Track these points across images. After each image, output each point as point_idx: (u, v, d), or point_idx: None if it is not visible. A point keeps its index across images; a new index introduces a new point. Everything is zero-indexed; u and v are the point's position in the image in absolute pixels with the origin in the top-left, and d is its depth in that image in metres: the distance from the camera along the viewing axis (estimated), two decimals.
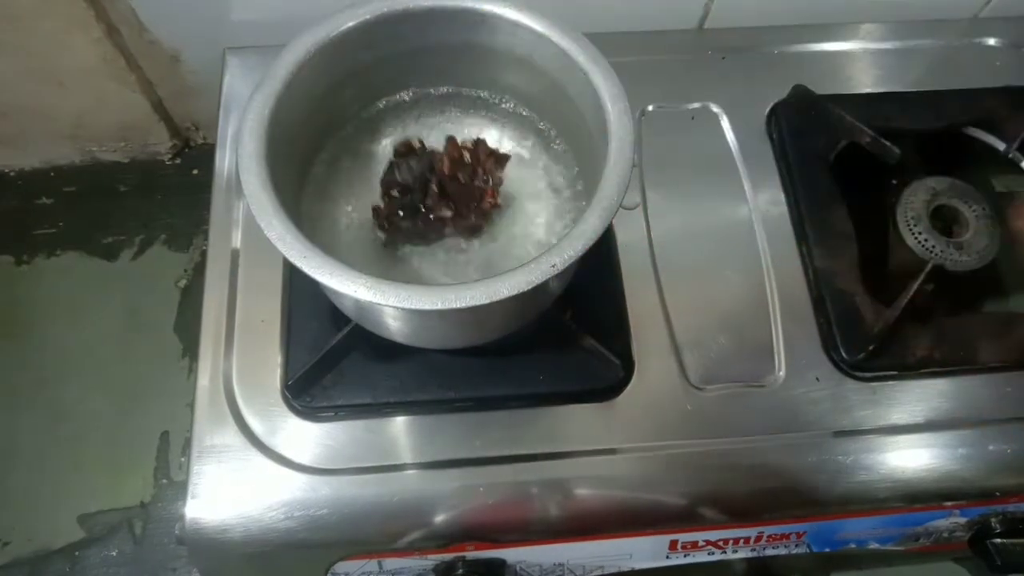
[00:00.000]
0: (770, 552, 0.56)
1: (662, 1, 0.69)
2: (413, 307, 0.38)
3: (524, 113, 0.54)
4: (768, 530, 0.53)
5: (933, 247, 0.58)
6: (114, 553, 0.72)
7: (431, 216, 0.49)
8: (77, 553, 0.72)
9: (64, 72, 0.74)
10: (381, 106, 0.54)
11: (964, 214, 0.59)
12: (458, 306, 0.38)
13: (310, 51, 0.45)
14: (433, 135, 0.53)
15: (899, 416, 0.54)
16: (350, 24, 0.46)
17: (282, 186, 0.42)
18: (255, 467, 0.50)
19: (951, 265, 0.58)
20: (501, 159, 0.51)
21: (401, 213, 0.49)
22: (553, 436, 0.52)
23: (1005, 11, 0.72)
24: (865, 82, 0.67)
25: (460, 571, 0.51)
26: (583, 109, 0.47)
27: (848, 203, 0.60)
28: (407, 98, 0.54)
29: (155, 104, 0.80)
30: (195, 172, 0.88)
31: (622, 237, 0.58)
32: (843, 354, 0.55)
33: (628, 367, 0.54)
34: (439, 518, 0.50)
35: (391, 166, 0.50)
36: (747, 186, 0.61)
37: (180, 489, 0.50)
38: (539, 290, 0.39)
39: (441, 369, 0.53)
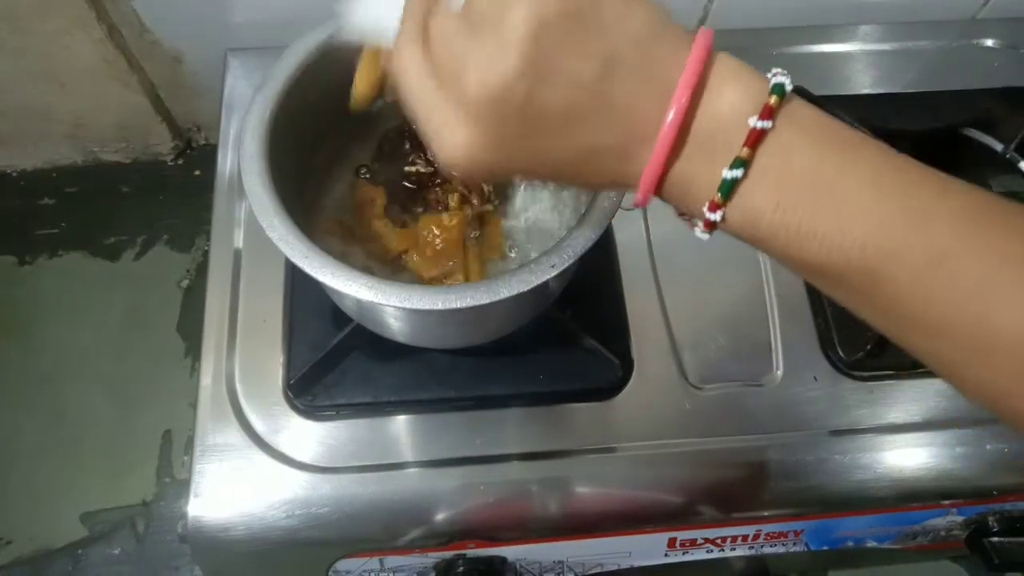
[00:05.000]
0: (768, 550, 0.56)
1: (661, 3, 0.70)
2: (414, 307, 0.38)
3: None
4: (766, 528, 0.54)
5: None
6: (116, 551, 0.72)
7: (407, 170, 0.50)
8: (80, 552, 0.72)
9: (65, 73, 0.74)
10: (382, 104, 0.54)
11: None
12: (458, 306, 0.38)
13: (311, 53, 0.45)
14: None
15: (896, 415, 0.54)
16: None
17: (284, 186, 0.42)
18: (257, 465, 0.50)
19: None
20: None
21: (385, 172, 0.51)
22: (553, 435, 0.52)
23: (1003, 12, 0.72)
24: (863, 83, 0.67)
25: (461, 569, 0.52)
26: None
27: None
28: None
29: (157, 105, 0.80)
30: (197, 173, 0.88)
31: (621, 238, 0.58)
32: (840, 354, 0.55)
33: (627, 366, 0.54)
34: (440, 516, 0.50)
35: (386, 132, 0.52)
36: None
37: (183, 487, 0.50)
38: (539, 290, 0.39)
39: (442, 368, 0.53)
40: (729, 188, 0.25)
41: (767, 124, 0.25)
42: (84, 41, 0.70)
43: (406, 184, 0.51)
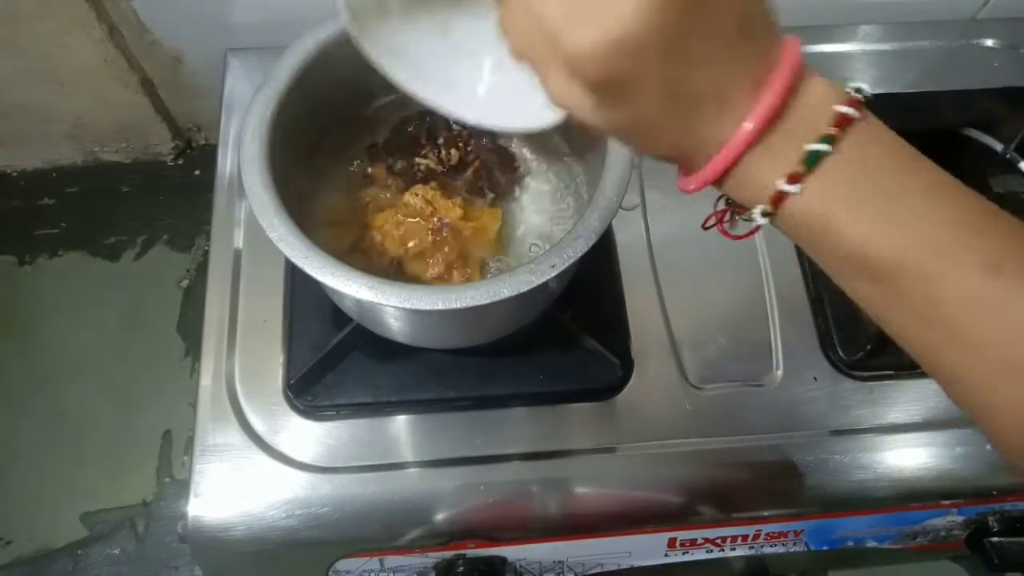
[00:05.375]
0: (768, 550, 0.56)
1: None
2: (414, 307, 0.38)
3: None
4: (766, 528, 0.54)
5: None
6: (117, 551, 0.72)
7: (418, 160, 0.51)
8: (80, 552, 0.72)
9: (65, 73, 0.74)
10: (382, 105, 0.54)
11: None
12: (458, 306, 0.38)
13: (311, 53, 0.45)
14: None
15: (896, 415, 0.54)
16: None
17: (284, 186, 0.42)
18: (257, 465, 0.50)
19: None
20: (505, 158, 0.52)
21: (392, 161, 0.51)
22: (553, 435, 0.52)
23: (1003, 12, 0.72)
24: (863, 83, 0.67)
25: (461, 569, 0.52)
26: None
27: None
28: (408, 98, 0.55)
29: (156, 105, 0.80)
30: (197, 173, 0.88)
31: (621, 238, 0.58)
32: (840, 354, 0.55)
33: (627, 367, 0.54)
34: (440, 516, 0.50)
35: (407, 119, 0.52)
36: None
37: (183, 487, 0.50)
38: (539, 290, 0.39)
39: (442, 368, 0.53)
40: (814, 160, 0.26)
41: (856, 113, 0.26)
42: (84, 41, 0.70)
43: (415, 173, 0.51)
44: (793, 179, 0.26)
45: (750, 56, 0.26)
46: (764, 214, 0.27)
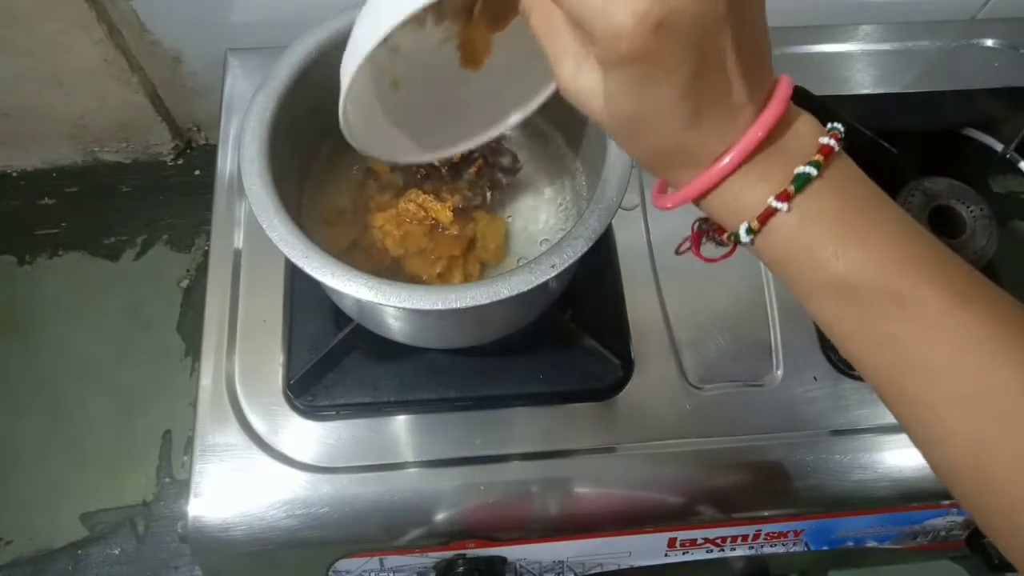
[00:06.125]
0: (768, 550, 0.56)
1: None
2: (413, 307, 0.38)
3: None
4: (766, 528, 0.54)
5: None
6: (116, 551, 0.72)
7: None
8: (79, 552, 0.72)
9: (65, 73, 0.74)
10: None
11: (962, 215, 0.60)
12: (458, 306, 0.38)
13: (311, 52, 0.45)
14: None
15: None
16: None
17: (284, 186, 0.42)
18: (257, 466, 0.50)
19: None
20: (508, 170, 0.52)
21: None
22: (553, 435, 0.52)
23: (1003, 12, 0.72)
24: (863, 83, 0.67)
25: (461, 569, 0.52)
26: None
27: None
28: None
29: (157, 105, 0.80)
30: (197, 173, 0.88)
31: (621, 237, 0.58)
32: (840, 353, 0.55)
33: (627, 367, 0.54)
34: (440, 516, 0.50)
35: None
36: None
37: (183, 487, 0.50)
38: (539, 290, 0.39)
39: (442, 368, 0.53)
40: (803, 182, 0.27)
41: (837, 146, 0.27)
42: (84, 41, 0.70)
43: (416, 171, 0.51)
44: (782, 198, 0.27)
45: (757, 73, 0.27)
46: (749, 231, 0.28)
